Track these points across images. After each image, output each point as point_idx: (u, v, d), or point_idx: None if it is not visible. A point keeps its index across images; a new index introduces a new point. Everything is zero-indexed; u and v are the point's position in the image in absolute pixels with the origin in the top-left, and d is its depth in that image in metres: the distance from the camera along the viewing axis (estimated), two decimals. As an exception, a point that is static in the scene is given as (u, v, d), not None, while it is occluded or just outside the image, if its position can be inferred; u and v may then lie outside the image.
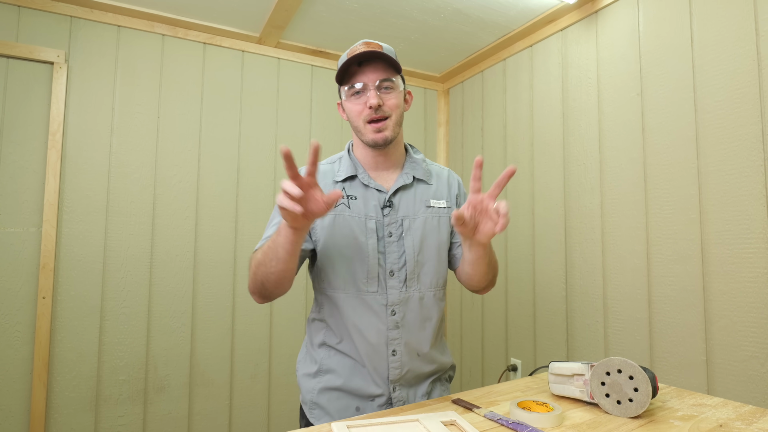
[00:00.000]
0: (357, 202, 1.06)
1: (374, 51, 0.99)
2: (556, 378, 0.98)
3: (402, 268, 1.05)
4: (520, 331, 2.16)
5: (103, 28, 1.97)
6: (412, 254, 1.06)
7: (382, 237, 1.05)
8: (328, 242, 1.05)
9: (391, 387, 1.04)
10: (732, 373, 1.37)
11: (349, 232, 1.04)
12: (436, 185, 1.15)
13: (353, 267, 1.04)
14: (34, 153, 1.84)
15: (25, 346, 1.79)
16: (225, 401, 2.12)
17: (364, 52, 0.99)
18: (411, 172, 1.12)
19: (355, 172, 1.09)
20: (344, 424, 0.76)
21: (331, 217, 1.05)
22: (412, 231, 1.07)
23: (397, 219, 1.06)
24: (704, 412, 0.89)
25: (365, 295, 1.04)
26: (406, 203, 1.09)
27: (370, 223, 1.05)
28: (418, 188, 1.12)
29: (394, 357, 1.04)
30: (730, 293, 1.38)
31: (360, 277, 1.03)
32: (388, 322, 1.04)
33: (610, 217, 1.76)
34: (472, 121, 2.57)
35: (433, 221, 1.10)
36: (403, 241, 1.06)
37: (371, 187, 1.08)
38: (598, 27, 1.85)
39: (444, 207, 1.12)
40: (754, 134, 1.35)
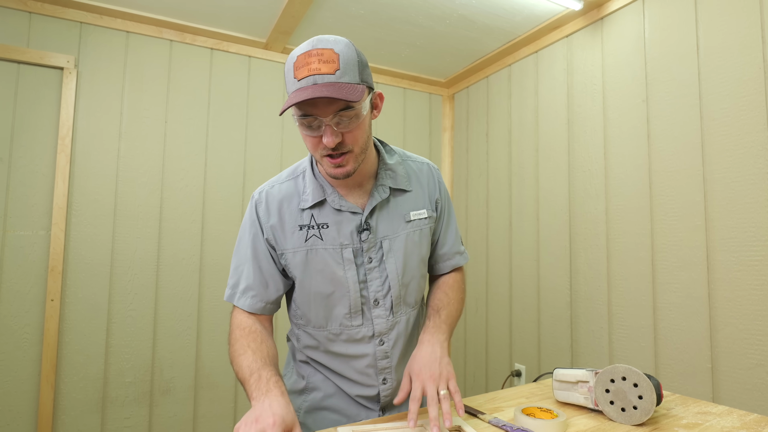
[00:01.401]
0: (329, 230, 0.92)
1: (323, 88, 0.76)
2: (560, 384, 0.98)
3: (387, 295, 0.95)
4: (525, 336, 2.15)
5: (113, 34, 2.00)
6: (397, 278, 0.95)
7: (362, 264, 0.93)
8: (304, 281, 0.94)
9: (381, 409, 1.01)
10: (737, 381, 1.36)
11: (324, 266, 0.92)
12: (416, 190, 1.00)
13: (334, 304, 0.94)
14: (44, 157, 1.86)
15: (33, 348, 1.81)
16: (230, 404, 2.13)
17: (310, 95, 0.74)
18: (387, 183, 0.96)
19: (323, 195, 0.93)
20: (350, 428, 0.77)
21: (303, 252, 0.92)
22: (394, 252, 0.95)
23: (376, 241, 0.94)
24: (709, 420, 0.89)
25: (350, 329, 0.95)
26: (385, 221, 0.95)
27: (347, 252, 0.92)
28: (396, 200, 0.97)
29: (385, 385, 0.98)
30: (736, 300, 1.38)
31: (342, 313, 0.94)
32: (376, 353, 0.96)
33: (615, 224, 1.76)
34: (477, 126, 2.58)
35: (414, 236, 0.98)
36: (384, 266, 0.94)
37: (344, 210, 0.92)
38: (604, 33, 1.85)
39: (425, 217, 0.99)
40: (760, 142, 1.35)
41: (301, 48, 0.80)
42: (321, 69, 0.77)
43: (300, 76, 0.78)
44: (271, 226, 0.94)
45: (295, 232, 0.93)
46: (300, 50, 0.80)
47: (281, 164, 2.31)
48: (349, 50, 0.81)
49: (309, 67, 0.77)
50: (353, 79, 0.80)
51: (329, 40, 0.80)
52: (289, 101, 0.77)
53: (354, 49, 0.82)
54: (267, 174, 2.28)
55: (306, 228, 0.92)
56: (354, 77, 0.80)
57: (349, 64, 0.79)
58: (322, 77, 0.77)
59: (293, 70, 0.79)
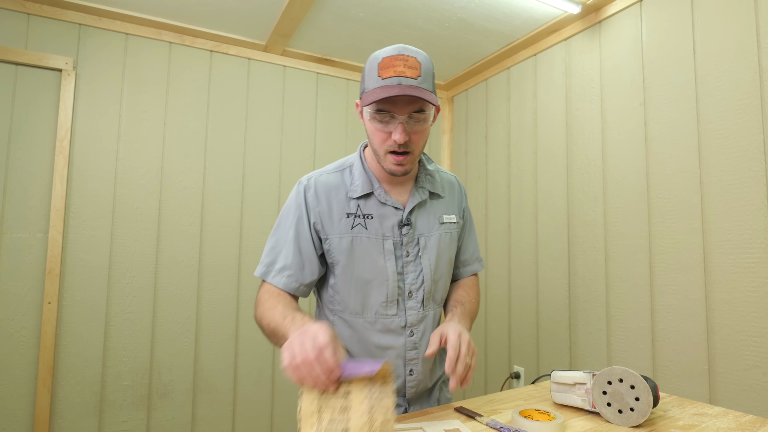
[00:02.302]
0: (373, 221, 1.00)
1: (409, 89, 0.86)
2: (558, 387, 0.99)
3: (420, 288, 1.02)
4: (523, 338, 2.16)
5: (112, 36, 2.00)
6: (429, 273, 1.03)
7: (400, 257, 1.01)
8: (347, 267, 1.00)
9: (408, 404, 1.04)
10: (734, 383, 1.37)
11: (367, 255, 0.99)
12: (448, 198, 1.11)
13: (373, 291, 0.99)
14: (42, 159, 1.86)
15: (30, 351, 1.81)
16: (228, 407, 2.13)
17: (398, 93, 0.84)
18: (426, 186, 1.06)
19: (371, 188, 1.01)
20: None
21: (349, 239, 0.99)
22: (428, 249, 1.03)
23: (414, 237, 1.02)
24: (705, 421, 0.90)
25: (384, 318, 1.00)
26: (422, 220, 1.04)
27: (388, 243, 1.00)
28: (432, 203, 1.07)
29: (412, 377, 1.03)
30: (732, 302, 1.38)
31: (380, 301, 1.00)
32: (407, 343, 1.02)
33: (613, 226, 1.77)
34: (476, 128, 2.59)
35: (446, 238, 1.07)
36: (420, 261, 1.02)
37: (388, 204, 1.01)
38: (602, 37, 1.86)
39: (454, 222, 1.10)
40: (755, 145, 1.35)
41: (387, 51, 0.90)
42: (406, 72, 0.88)
43: (385, 75, 0.88)
44: (319, 212, 1.00)
45: (342, 219, 1.00)
46: (385, 53, 0.90)
47: (281, 166, 2.32)
48: (428, 63, 0.92)
49: (395, 69, 0.87)
50: (429, 87, 0.91)
51: (413, 50, 0.91)
52: (376, 95, 0.86)
53: (431, 63, 0.94)
54: (266, 177, 2.28)
55: (353, 216, 1.00)
56: (430, 86, 0.92)
57: (428, 73, 0.91)
58: (407, 80, 0.87)
59: (377, 69, 0.89)
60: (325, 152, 2.43)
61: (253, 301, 2.20)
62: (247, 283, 2.20)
